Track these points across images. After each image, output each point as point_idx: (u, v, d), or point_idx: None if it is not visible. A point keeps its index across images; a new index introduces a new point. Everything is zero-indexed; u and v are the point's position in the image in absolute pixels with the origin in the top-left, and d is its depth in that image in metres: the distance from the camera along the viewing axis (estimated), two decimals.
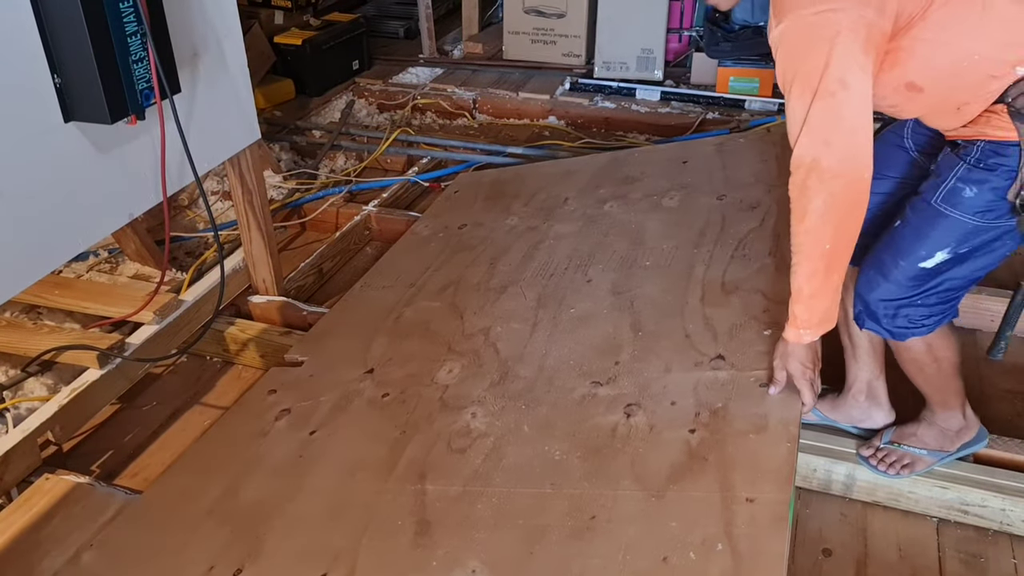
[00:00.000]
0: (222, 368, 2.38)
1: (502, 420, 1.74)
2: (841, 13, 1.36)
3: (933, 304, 1.60)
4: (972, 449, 1.79)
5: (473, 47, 4.33)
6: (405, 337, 2.11)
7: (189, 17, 1.85)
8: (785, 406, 1.60)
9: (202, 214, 3.08)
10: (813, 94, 1.38)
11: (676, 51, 3.96)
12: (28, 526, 1.76)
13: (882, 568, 1.70)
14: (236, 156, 2.21)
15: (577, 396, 1.75)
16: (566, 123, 3.83)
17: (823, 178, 1.42)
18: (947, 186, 1.53)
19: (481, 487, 1.58)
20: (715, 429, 1.58)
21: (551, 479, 1.57)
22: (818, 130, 1.40)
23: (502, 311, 2.10)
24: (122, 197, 1.81)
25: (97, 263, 2.80)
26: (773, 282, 1.94)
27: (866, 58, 1.38)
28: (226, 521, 1.65)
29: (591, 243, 2.31)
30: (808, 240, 1.48)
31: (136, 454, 2.09)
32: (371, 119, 3.94)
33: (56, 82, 1.56)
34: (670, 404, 1.67)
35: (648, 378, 1.75)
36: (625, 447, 1.59)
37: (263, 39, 4.02)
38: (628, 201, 2.49)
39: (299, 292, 2.60)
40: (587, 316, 2.00)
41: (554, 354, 1.89)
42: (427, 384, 1.90)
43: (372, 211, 2.98)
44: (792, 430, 1.54)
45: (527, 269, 2.27)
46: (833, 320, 1.57)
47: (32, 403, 2.14)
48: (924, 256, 1.55)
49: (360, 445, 1.77)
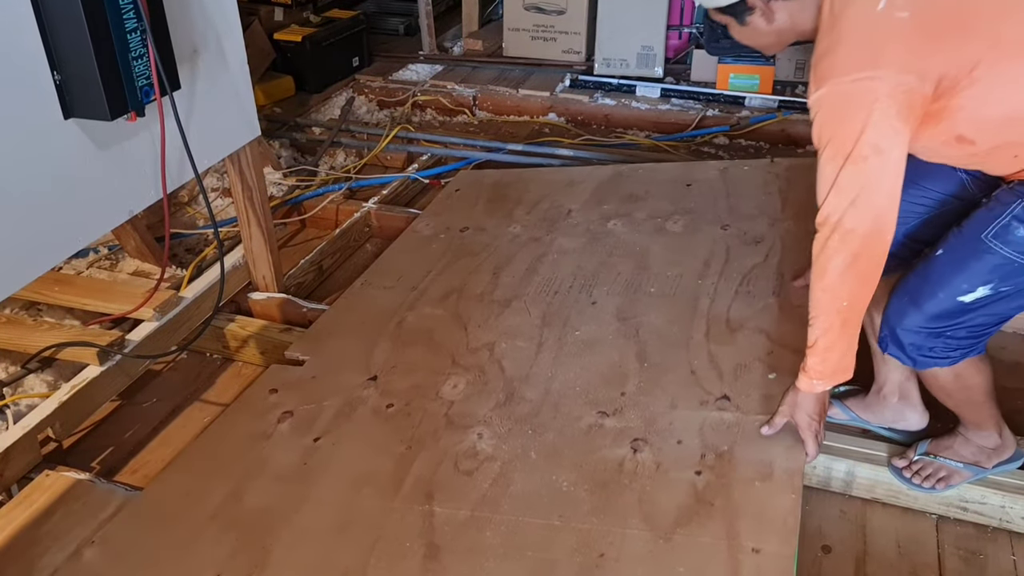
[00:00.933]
0: (222, 365, 2.39)
1: (509, 444, 1.76)
2: (879, 81, 1.37)
3: (962, 338, 1.56)
4: (1008, 467, 1.73)
5: (473, 44, 4.33)
6: (408, 344, 2.12)
7: (189, 14, 1.85)
8: (790, 455, 1.64)
9: (202, 211, 3.08)
10: (845, 158, 1.40)
11: (676, 48, 3.96)
12: (28, 522, 1.76)
13: (881, 565, 1.70)
14: (236, 153, 2.21)
15: (584, 426, 1.78)
16: (566, 120, 3.83)
17: (845, 239, 1.44)
18: (1001, 222, 1.48)
19: (489, 513, 1.60)
20: (721, 473, 1.62)
21: (559, 511, 1.59)
22: (846, 192, 1.42)
23: (506, 327, 2.13)
24: (122, 194, 1.81)
25: (97, 260, 2.80)
26: (777, 324, 1.97)
27: (903, 124, 1.39)
28: (231, 527, 1.66)
29: (595, 262, 2.34)
30: (825, 297, 1.52)
31: (136, 451, 2.09)
32: (371, 116, 3.94)
33: (56, 79, 1.56)
34: (676, 443, 1.70)
35: (654, 413, 1.78)
36: (632, 483, 1.62)
37: (263, 36, 4.02)
38: (632, 221, 2.52)
39: (299, 289, 2.60)
40: (592, 340, 2.03)
41: (560, 378, 1.92)
42: (432, 398, 1.92)
43: (372, 208, 2.98)
44: (796, 481, 1.58)
45: (531, 283, 2.29)
46: (848, 371, 1.59)
47: (32, 400, 2.14)
48: (965, 290, 1.51)
49: (366, 457, 1.78)
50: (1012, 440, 1.74)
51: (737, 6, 1.53)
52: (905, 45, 1.38)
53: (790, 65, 3.68)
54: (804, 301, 1.95)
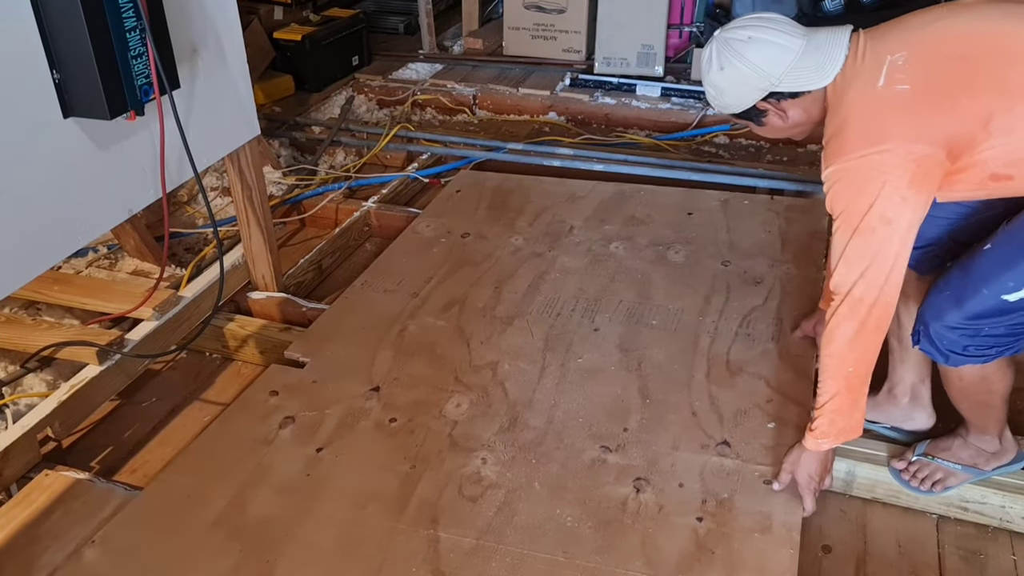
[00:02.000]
0: (221, 364, 2.38)
1: (513, 472, 1.78)
2: (888, 154, 1.41)
3: (1000, 335, 1.52)
4: (1007, 470, 1.73)
5: (473, 43, 4.33)
6: (411, 356, 2.14)
7: (188, 13, 1.85)
8: (788, 509, 1.67)
9: (201, 210, 3.08)
10: (853, 230, 1.45)
11: (676, 47, 3.95)
12: (28, 522, 1.76)
13: (882, 565, 1.70)
14: (235, 152, 2.21)
15: (587, 459, 1.81)
16: (566, 119, 3.82)
17: (854, 307, 1.49)
18: None
19: (495, 543, 1.62)
20: (722, 521, 1.65)
21: (564, 546, 1.61)
22: (854, 263, 1.47)
23: (509, 346, 2.15)
24: (121, 193, 1.81)
25: (96, 259, 2.80)
26: (776, 371, 2.02)
27: (915, 192, 1.42)
28: (234, 537, 1.66)
29: (597, 286, 2.39)
30: (832, 363, 1.57)
31: (136, 450, 2.09)
32: (371, 115, 3.93)
33: (55, 78, 1.56)
34: (678, 485, 1.73)
35: (656, 452, 1.82)
36: (635, 524, 1.65)
37: (262, 35, 4.01)
38: (634, 246, 2.57)
39: (298, 288, 2.60)
40: (595, 370, 2.07)
41: (563, 406, 1.95)
42: (435, 416, 1.94)
43: (372, 207, 2.98)
44: (795, 536, 1.62)
45: (533, 302, 2.33)
46: (856, 431, 1.63)
47: (31, 399, 2.14)
48: (1012, 288, 1.45)
49: (369, 473, 1.79)
50: (1013, 444, 1.74)
51: (751, 111, 1.63)
52: (909, 116, 1.42)
53: None
54: (803, 351, 2.06)
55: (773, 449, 1.79)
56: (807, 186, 2.96)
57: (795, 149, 3.47)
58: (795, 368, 2.01)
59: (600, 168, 3.19)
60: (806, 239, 2.54)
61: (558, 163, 3.27)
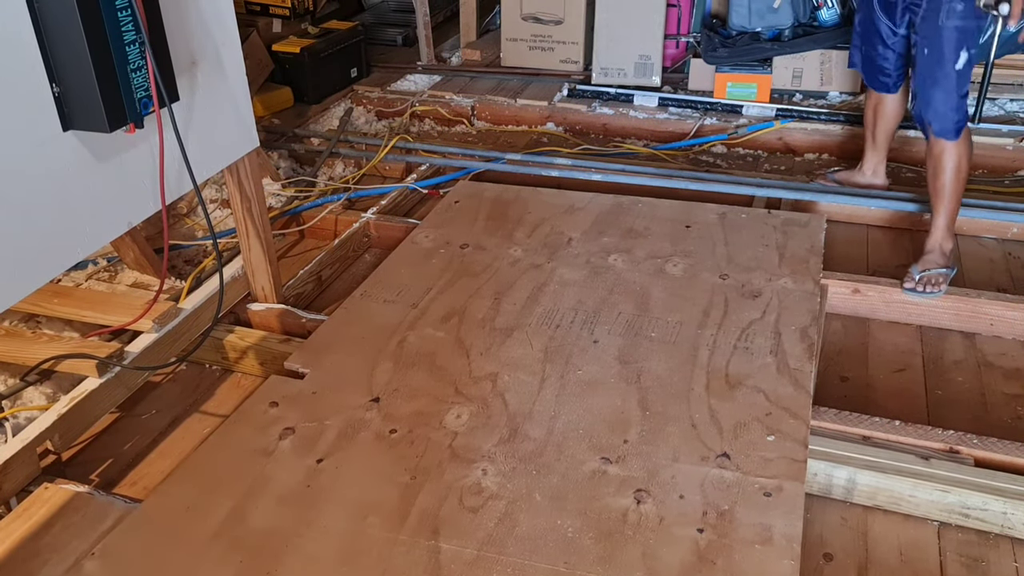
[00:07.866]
0: (221, 376, 2.38)
1: (513, 483, 1.78)
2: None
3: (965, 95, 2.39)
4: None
5: (471, 54, 4.34)
6: (410, 367, 2.14)
7: (187, 26, 1.86)
8: (787, 521, 1.67)
9: (201, 222, 3.09)
10: None
11: (674, 57, 3.97)
12: (27, 535, 1.75)
13: (883, 572, 1.69)
14: (235, 164, 2.21)
15: (587, 471, 1.81)
16: (564, 129, 3.84)
17: None
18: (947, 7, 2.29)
19: (496, 554, 1.62)
20: (723, 533, 1.65)
21: (564, 557, 1.61)
22: None
23: (509, 358, 2.16)
24: (121, 205, 1.82)
25: (96, 272, 2.80)
26: (775, 384, 2.03)
27: None
28: (235, 548, 1.65)
29: (596, 299, 2.40)
30: None
31: (135, 463, 2.08)
32: (369, 126, 3.94)
33: (55, 91, 1.57)
34: (679, 497, 1.73)
35: (657, 464, 1.82)
36: (636, 535, 1.65)
37: (261, 47, 4.03)
38: (633, 258, 2.59)
39: (298, 299, 2.60)
40: (594, 382, 2.07)
41: (563, 418, 1.96)
42: (436, 427, 1.93)
43: (371, 218, 2.98)
44: (795, 548, 1.61)
45: (532, 314, 2.33)
46: None
47: (31, 412, 2.14)
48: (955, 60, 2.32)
49: (370, 485, 1.79)
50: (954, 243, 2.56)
51: None
52: None
53: (787, 74, 3.69)
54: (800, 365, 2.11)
55: (773, 462, 1.79)
56: (804, 195, 2.97)
57: (792, 158, 3.48)
58: (793, 382, 2.02)
59: (598, 178, 3.20)
60: (803, 254, 2.56)
61: (556, 173, 3.28)
